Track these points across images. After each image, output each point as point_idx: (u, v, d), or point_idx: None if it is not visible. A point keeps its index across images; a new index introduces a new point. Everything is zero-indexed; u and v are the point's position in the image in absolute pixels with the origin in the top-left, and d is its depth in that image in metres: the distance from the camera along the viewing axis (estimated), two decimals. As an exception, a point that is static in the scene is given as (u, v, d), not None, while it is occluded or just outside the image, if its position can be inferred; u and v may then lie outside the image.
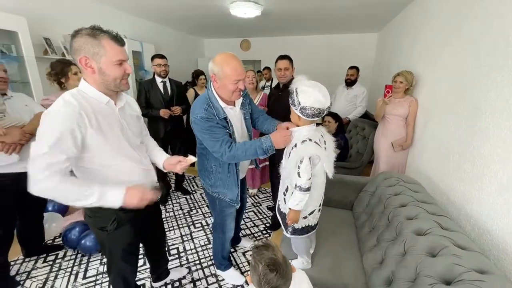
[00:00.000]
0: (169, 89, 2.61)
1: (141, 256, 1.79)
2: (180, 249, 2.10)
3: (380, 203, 1.63)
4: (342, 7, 3.19)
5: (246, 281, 1.73)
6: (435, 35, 2.13)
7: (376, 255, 1.34)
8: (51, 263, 1.93)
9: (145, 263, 1.89)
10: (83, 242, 1.95)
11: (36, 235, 1.96)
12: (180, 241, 2.20)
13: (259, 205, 2.82)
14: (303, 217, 1.33)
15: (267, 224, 2.44)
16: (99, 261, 1.95)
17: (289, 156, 1.25)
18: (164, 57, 2.54)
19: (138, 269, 1.61)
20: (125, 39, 1.05)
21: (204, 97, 1.35)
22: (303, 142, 1.18)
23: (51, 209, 2.34)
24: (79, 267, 1.89)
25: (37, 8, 2.49)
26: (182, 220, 2.51)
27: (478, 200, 1.33)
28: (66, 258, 1.98)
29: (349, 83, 3.44)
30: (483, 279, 0.86)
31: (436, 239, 1.09)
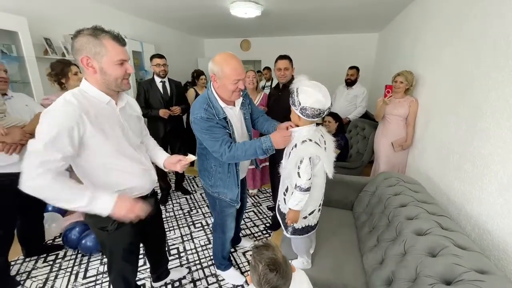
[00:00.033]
0: (168, 89, 2.60)
1: (141, 256, 1.79)
2: (180, 249, 2.10)
3: (380, 203, 1.63)
4: (342, 7, 3.19)
5: (246, 281, 1.73)
6: (435, 35, 2.13)
7: (376, 255, 1.34)
8: (51, 263, 1.93)
9: (145, 263, 1.89)
10: (83, 242, 1.95)
11: (37, 235, 1.97)
12: (180, 241, 2.20)
13: (259, 205, 2.82)
14: (303, 217, 1.33)
15: (267, 224, 2.44)
16: (99, 261, 1.95)
17: (289, 156, 1.25)
18: (163, 57, 2.54)
19: (138, 269, 1.61)
20: (125, 39, 1.05)
21: (203, 97, 1.35)
22: (303, 142, 1.18)
23: (51, 209, 2.33)
24: (79, 267, 1.89)
25: (38, 8, 2.49)
26: (182, 220, 2.52)
27: (479, 200, 1.33)
28: (66, 258, 1.98)
29: (349, 83, 3.44)
30: (483, 279, 0.86)
31: (436, 239, 1.09)
